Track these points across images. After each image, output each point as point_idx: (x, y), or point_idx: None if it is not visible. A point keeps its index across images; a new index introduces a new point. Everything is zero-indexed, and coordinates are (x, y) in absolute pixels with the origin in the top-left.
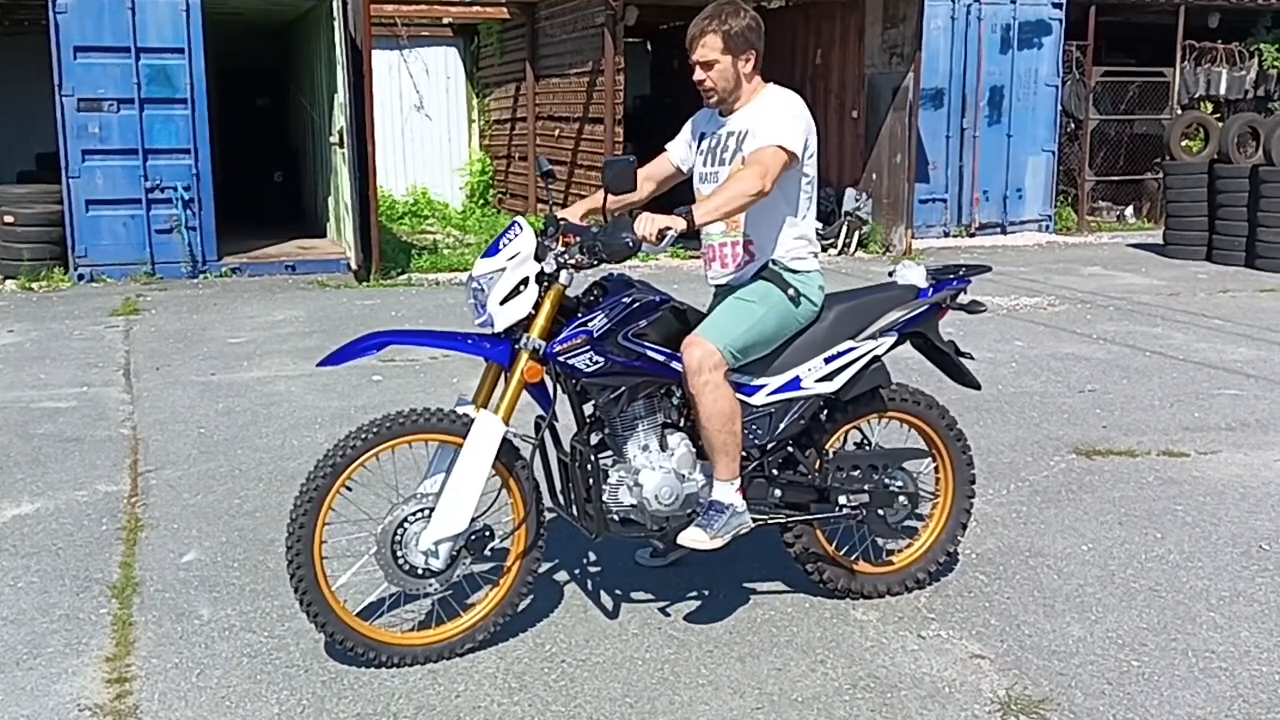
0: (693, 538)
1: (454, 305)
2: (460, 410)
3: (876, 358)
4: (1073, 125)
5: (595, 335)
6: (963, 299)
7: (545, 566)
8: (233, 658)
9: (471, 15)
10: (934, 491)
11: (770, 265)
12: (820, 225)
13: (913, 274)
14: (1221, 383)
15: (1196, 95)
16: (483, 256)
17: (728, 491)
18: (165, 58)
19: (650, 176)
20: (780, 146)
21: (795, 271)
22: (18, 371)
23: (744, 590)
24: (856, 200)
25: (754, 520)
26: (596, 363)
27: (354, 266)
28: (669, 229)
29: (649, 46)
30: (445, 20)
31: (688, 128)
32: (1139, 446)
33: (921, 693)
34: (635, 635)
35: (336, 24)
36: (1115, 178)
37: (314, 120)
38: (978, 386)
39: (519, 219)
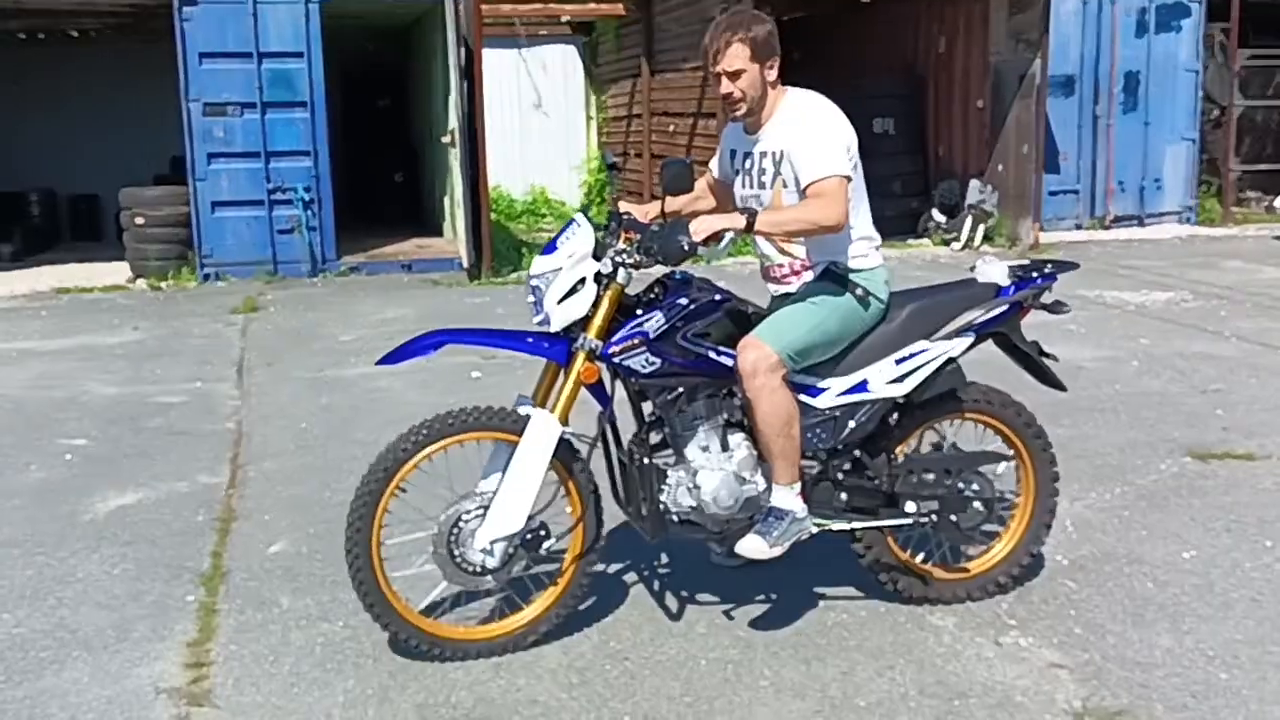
0: (751, 547)
1: None
2: (520, 409)
3: (952, 359)
4: (1216, 112)
5: (652, 336)
6: (1046, 298)
7: (615, 565)
8: (306, 646)
9: (588, 13)
10: (1014, 495)
11: (832, 268)
12: (944, 219)
13: (993, 270)
14: None
15: None
16: (541, 254)
17: (787, 497)
18: (286, 62)
19: (709, 187)
20: (842, 176)
21: (858, 270)
22: (137, 367)
23: (815, 593)
24: (981, 192)
25: (817, 525)
26: (653, 364)
27: (466, 265)
28: (727, 230)
29: None
30: (563, 18)
31: (721, 144)
32: (1259, 450)
33: (990, 702)
34: (701, 635)
35: (449, 24)
36: (1264, 166)
37: (431, 121)
38: (1063, 388)
39: (578, 216)
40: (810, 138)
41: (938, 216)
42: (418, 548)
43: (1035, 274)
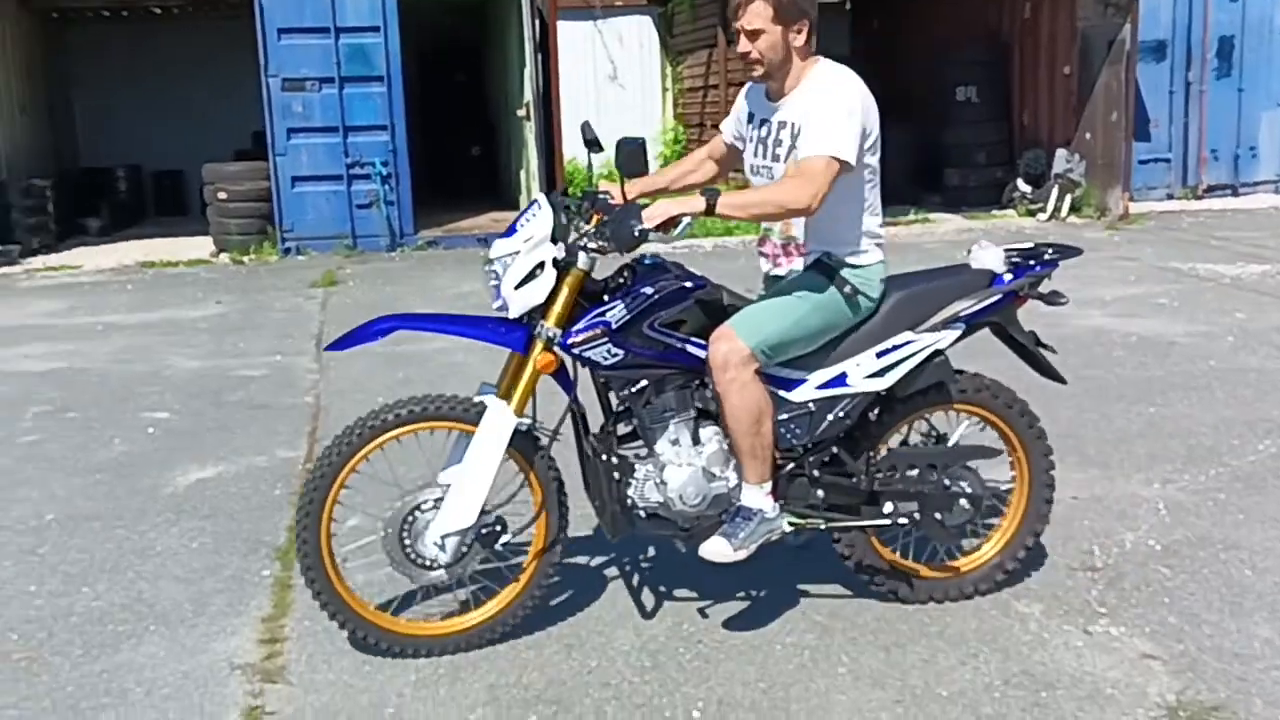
0: (714, 549)
1: None
2: (481, 398)
3: (939, 352)
4: None
5: (613, 327)
6: (1045, 287)
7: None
8: None
9: None
10: (1008, 490)
11: (826, 258)
12: (1029, 189)
13: (988, 257)
14: None
15: None
16: (501, 237)
17: (757, 496)
18: (363, 36)
19: (711, 156)
20: (833, 158)
21: (855, 266)
22: (219, 341)
23: None
24: (1068, 161)
25: (791, 525)
26: (616, 355)
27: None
28: (683, 216)
29: (848, 6)
30: None
31: (740, 102)
32: None
33: (1080, 693)
34: (776, 619)
35: None
36: None
37: (507, 95)
38: (1061, 380)
39: (540, 197)
40: (820, 112)
41: (1023, 187)
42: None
43: (1034, 261)
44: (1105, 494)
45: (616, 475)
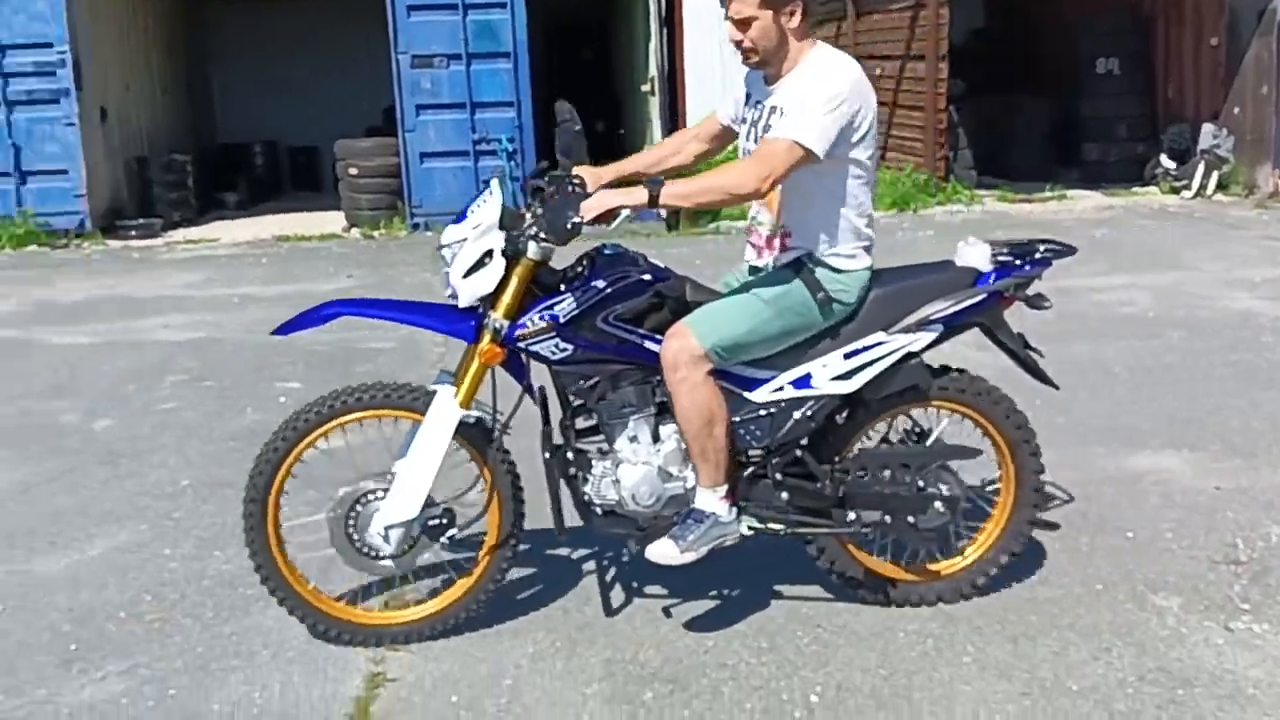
0: (660, 552)
1: None
2: (436, 386)
3: (912, 355)
4: None
5: (561, 321)
6: (1034, 288)
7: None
8: (500, 595)
9: None
10: (993, 490)
11: (807, 258)
12: (1174, 165)
13: (974, 253)
14: None
15: None
16: (453, 223)
17: (710, 499)
18: (490, 13)
19: (699, 137)
20: (795, 142)
21: (837, 271)
22: None
23: (1029, 565)
24: (1215, 137)
25: (752, 529)
26: (564, 350)
27: (664, 215)
28: (622, 208)
29: None
30: None
31: (744, 83)
32: None
33: (1220, 692)
34: (900, 606)
35: None
36: None
37: (633, 70)
38: (1054, 385)
39: (494, 181)
40: (798, 97)
41: (1166, 163)
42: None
43: (1023, 259)
44: (1251, 485)
45: (572, 470)
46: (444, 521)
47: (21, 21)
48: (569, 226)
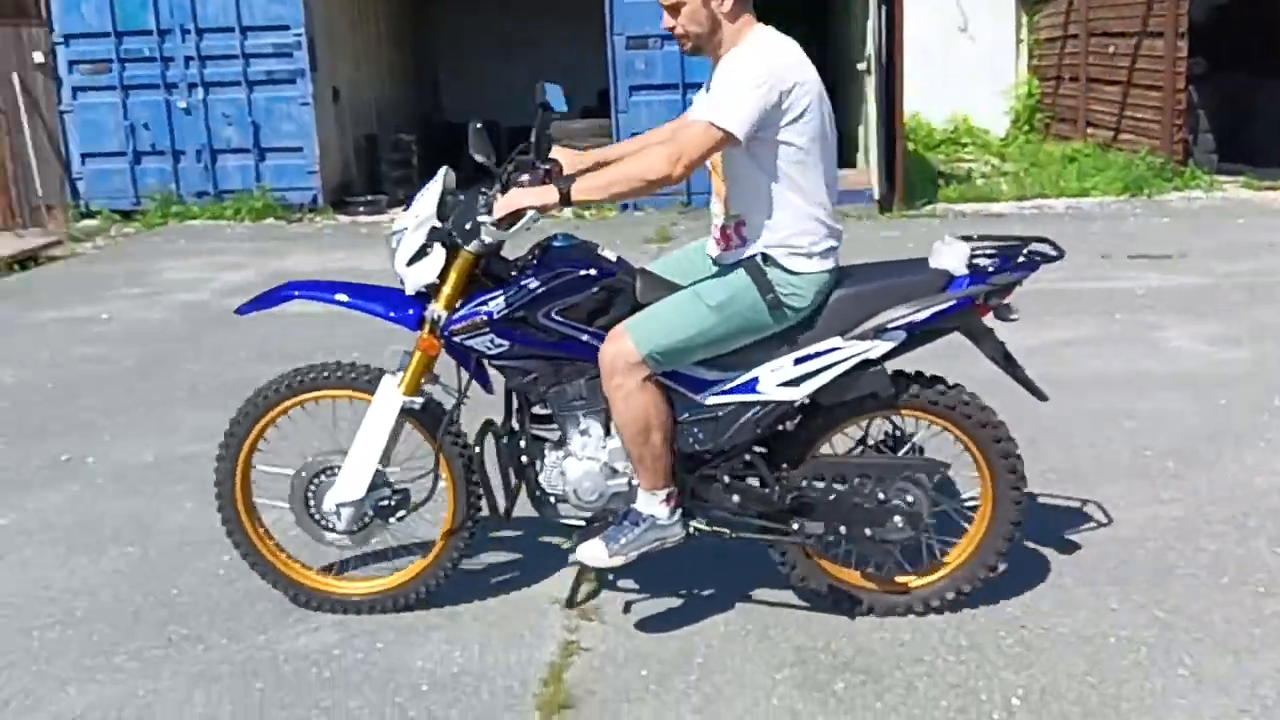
0: (589, 553)
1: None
2: (395, 371)
3: (870, 362)
4: None
5: (494, 317)
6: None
7: None
8: (695, 574)
9: None
10: (973, 504)
11: (762, 258)
12: None
13: (949, 254)
14: None
15: None
16: (404, 208)
17: (649, 502)
18: None
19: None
20: (711, 124)
21: (790, 272)
22: None
23: (1253, 576)
24: None
25: (698, 530)
26: (499, 345)
27: (876, 197)
28: (529, 210)
29: None
30: None
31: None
32: None
33: None
34: (1111, 611)
35: None
36: None
37: (849, 47)
38: (1042, 397)
39: (445, 167)
40: (720, 78)
41: None
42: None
43: (1004, 263)
44: None
45: (525, 458)
46: (394, 503)
47: (262, 4)
48: (468, 227)
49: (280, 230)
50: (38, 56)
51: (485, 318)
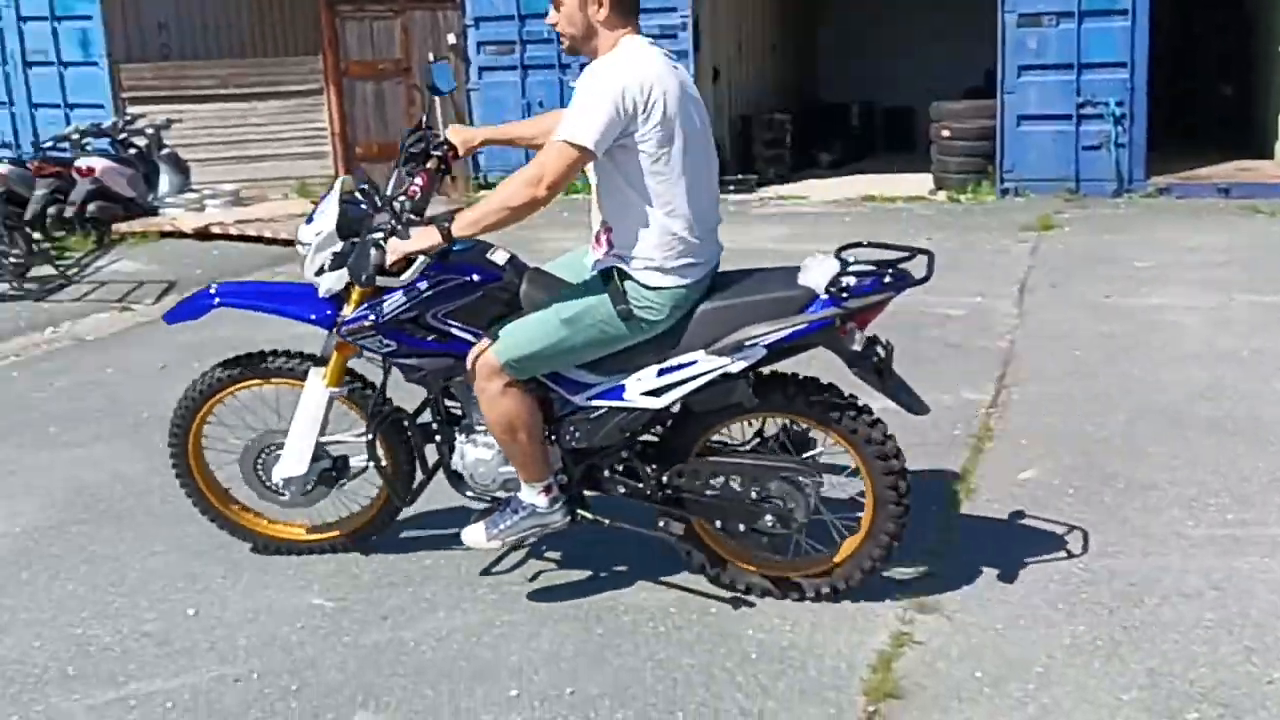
0: (470, 536)
1: None
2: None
3: (729, 376)
4: None
5: (380, 321)
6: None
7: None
8: (1040, 580)
9: None
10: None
11: (618, 272)
12: None
13: (816, 273)
14: None
15: None
16: (305, 221)
17: (529, 493)
18: None
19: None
20: (565, 142)
21: (645, 286)
22: None
23: None
24: None
25: (582, 518)
26: (387, 345)
27: None
28: (419, 255)
29: None
30: None
31: None
32: None
33: None
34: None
35: None
36: None
37: (1270, 30)
38: (917, 411)
39: (342, 177)
40: (576, 95)
41: None
42: None
43: (867, 286)
44: None
45: (439, 438)
46: (336, 471)
47: None
48: (363, 279)
49: None
50: (451, 38)
51: (372, 321)
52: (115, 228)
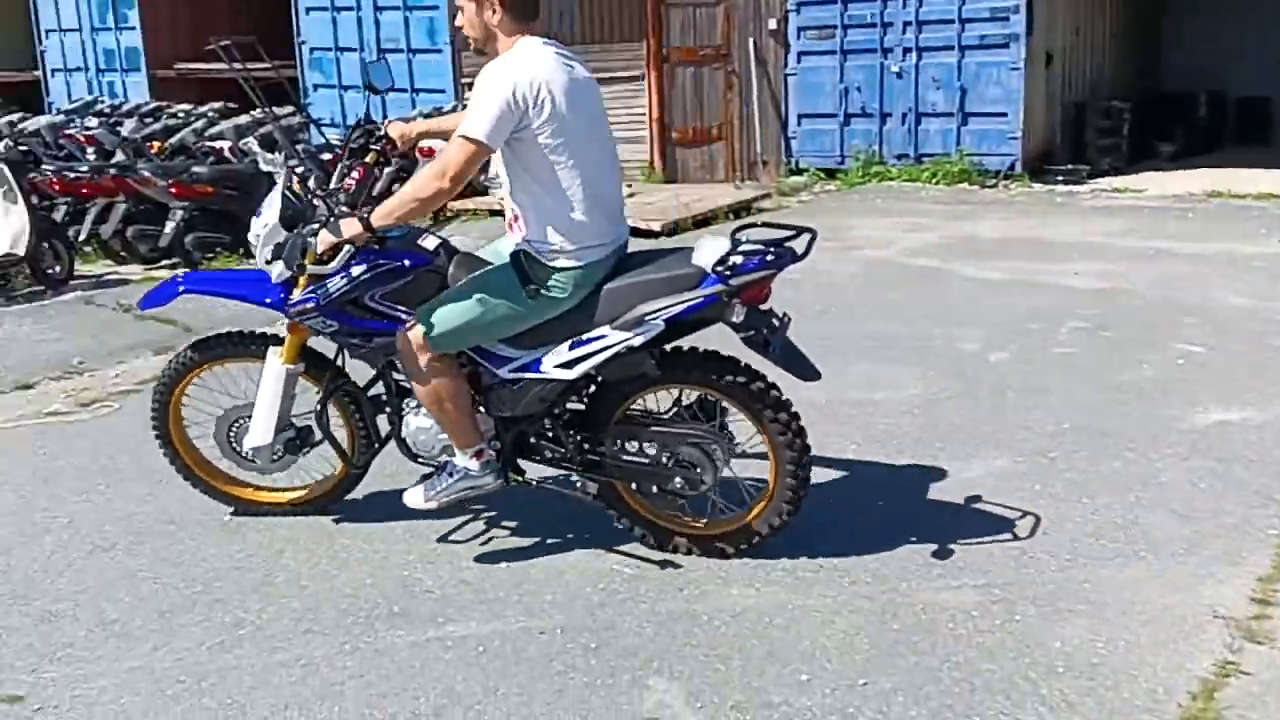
0: (412, 497)
1: None
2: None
3: (633, 349)
4: None
5: (322, 303)
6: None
7: None
8: None
9: None
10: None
11: (523, 253)
12: None
13: (705, 252)
14: None
15: None
16: (254, 215)
17: (461, 458)
18: None
19: None
20: (463, 137)
21: (546, 265)
22: (1274, 281)
23: None
24: None
25: (515, 481)
26: (329, 325)
27: None
28: (347, 245)
29: None
30: None
31: None
32: None
33: None
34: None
35: None
36: None
37: None
38: (807, 378)
39: (284, 169)
40: (474, 91)
41: None
42: None
43: (751, 264)
44: None
45: (388, 409)
46: (298, 441)
47: None
48: (295, 268)
49: (973, 195)
50: (772, 23)
51: (314, 304)
52: (449, 205)
